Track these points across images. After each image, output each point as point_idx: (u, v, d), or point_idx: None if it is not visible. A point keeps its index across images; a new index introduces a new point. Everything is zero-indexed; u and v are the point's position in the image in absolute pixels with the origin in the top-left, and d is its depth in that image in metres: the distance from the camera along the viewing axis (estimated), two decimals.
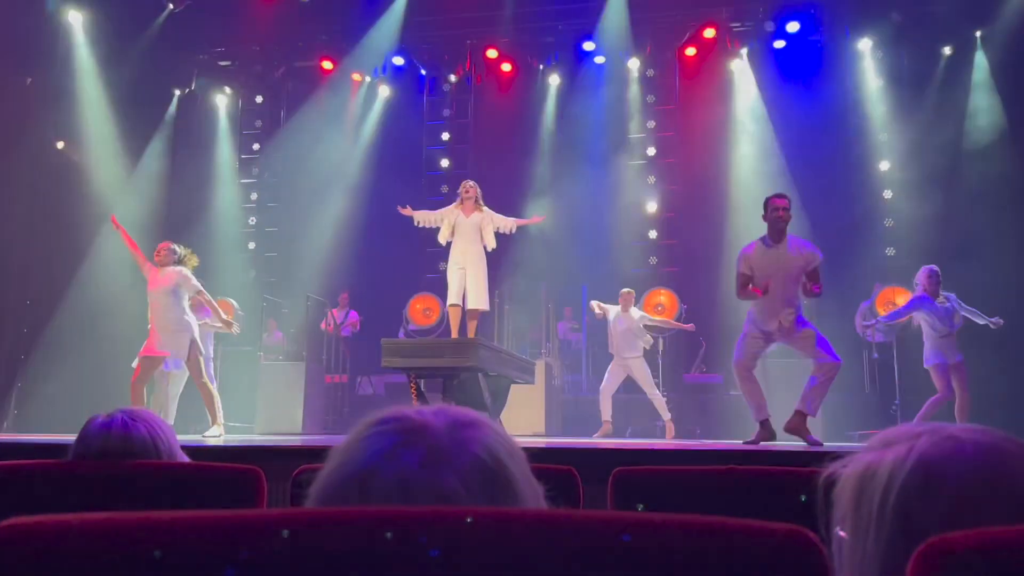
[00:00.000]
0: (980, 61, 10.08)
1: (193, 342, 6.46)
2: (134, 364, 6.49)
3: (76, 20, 10.16)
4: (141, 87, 10.84)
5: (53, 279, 9.63)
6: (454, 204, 7.00)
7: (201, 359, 6.55)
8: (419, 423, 0.69)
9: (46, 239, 9.72)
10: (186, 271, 6.55)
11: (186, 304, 6.50)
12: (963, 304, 7.17)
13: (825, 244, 6.23)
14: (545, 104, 11.97)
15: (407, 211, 7.11)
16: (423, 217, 7.07)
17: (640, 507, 1.55)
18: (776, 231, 5.54)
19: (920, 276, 7.15)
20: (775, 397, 8.91)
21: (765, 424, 5.64)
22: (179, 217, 11.03)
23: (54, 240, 9.74)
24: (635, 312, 8.84)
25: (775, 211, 5.51)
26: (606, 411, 8.66)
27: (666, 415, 8.62)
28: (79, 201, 9.89)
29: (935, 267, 7.15)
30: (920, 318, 7.13)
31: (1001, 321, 7.28)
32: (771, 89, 11.03)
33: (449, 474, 0.66)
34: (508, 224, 7.01)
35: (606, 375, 8.82)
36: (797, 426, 5.52)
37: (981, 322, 7.24)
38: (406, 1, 11.44)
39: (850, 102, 10.80)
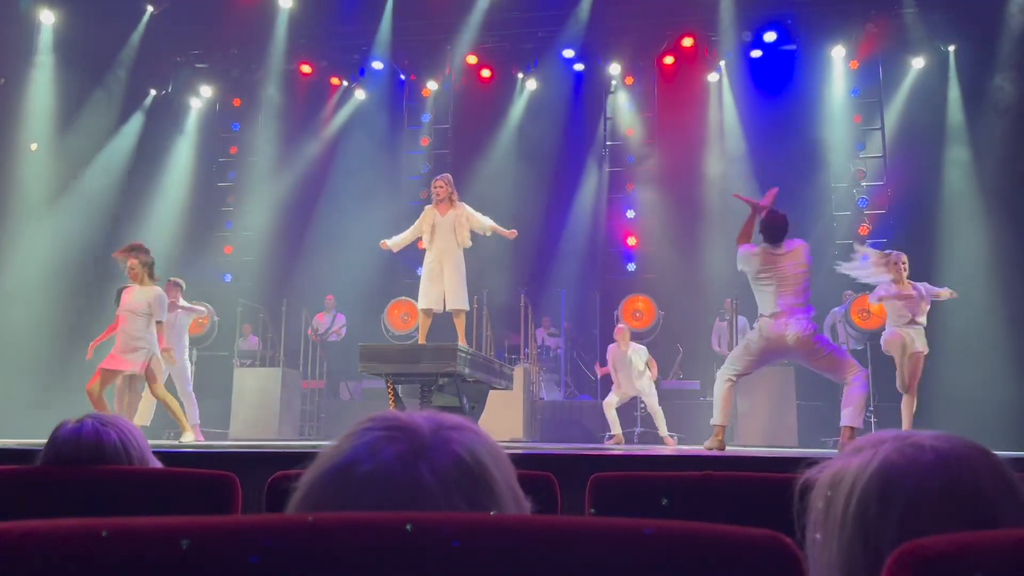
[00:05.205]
0: (953, 74, 10.24)
1: (153, 357, 6.18)
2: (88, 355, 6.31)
3: (48, 20, 10.03)
4: (118, 88, 10.72)
5: (14, 281, 9.47)
6: (430, 205, 6.76)
7: (159, 372, 6.28)
8: (406, 422, 0.71)
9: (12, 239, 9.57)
10: (162, 292, 6.27)
11: (153, 324, 6.19)
12: (927, 286, 6.69)
13: None
14: (524, 110, 11.99)
15: (385, 245, 6.86)
16: (399, 242, 6.79)
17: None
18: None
19: None
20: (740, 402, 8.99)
21: (721, 432, 5.51)
22: (154, 220, 10.91)
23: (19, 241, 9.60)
24: (633, 348, 8.75)
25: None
26: (614, 424, 8.63)
27: (663, 431, 8.66)
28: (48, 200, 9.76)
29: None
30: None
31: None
32: (748, 98, 11.13)
33: (426, 469, 0.66)
34: (484, 226, 6.68)
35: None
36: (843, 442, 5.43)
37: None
38: (386, 6, 11.42)
39: (825, 111, 10.92)
